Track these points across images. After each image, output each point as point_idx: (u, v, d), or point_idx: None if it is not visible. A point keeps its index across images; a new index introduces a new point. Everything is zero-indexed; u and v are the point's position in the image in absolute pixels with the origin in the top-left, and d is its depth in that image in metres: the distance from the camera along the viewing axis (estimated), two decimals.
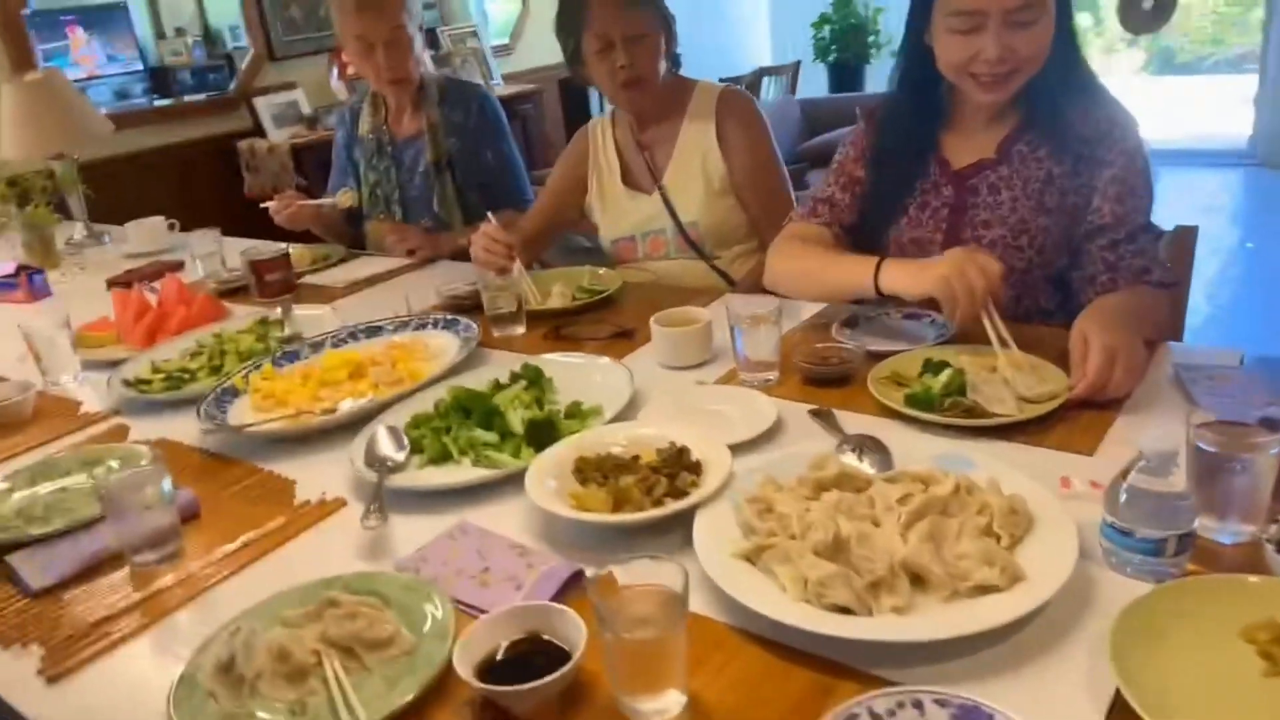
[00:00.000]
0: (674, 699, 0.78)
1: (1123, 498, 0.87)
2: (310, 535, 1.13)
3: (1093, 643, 0.80)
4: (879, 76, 7.09)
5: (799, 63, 6.68)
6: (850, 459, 1.08)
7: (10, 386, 1.56)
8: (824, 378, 1.34)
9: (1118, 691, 0.73)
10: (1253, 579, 0.81)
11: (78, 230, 2.84)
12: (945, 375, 1.23)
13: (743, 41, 7.72)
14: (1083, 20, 9.92)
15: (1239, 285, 4.38)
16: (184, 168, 4.20)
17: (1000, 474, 0.99)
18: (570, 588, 0.94)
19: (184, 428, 1.42)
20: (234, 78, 4.74)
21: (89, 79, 4.70)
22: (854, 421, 1.23)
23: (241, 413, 1.43)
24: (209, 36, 5.53)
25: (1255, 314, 4.07)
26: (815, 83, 7.22)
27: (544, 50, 5.42)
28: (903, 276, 1.36)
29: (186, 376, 1.58)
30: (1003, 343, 1.27)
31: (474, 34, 5.48)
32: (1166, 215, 1.49)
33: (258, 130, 4.37)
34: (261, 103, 4.32)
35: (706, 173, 1.96)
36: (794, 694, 0.79)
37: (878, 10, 6.86)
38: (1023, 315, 1.52)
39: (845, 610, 0.84)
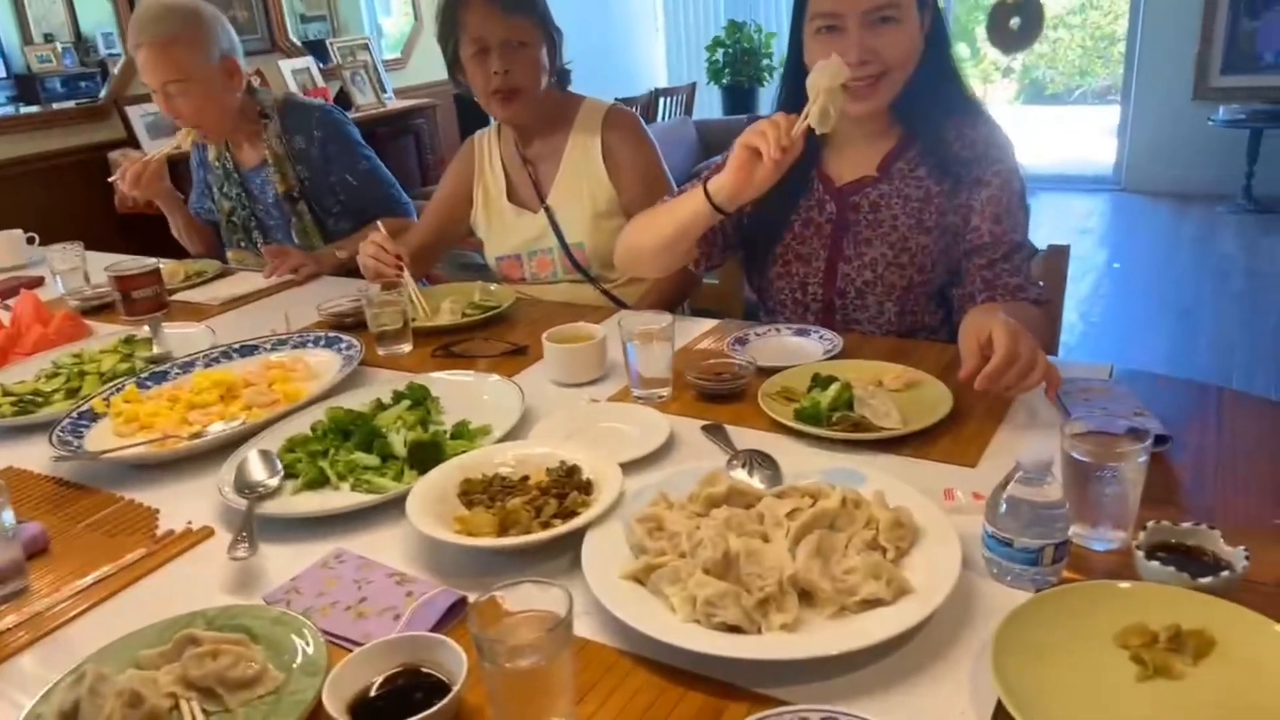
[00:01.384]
0: None
1: (1002, 508, 0.88)
2: (174, 568, 1.05)
3: (976, 653, 0.81)
4: (772, 99, 7.27)
5: (694, 84, 6.79)
6: (740, 474, 1.07)
7: None
8: (716, 393, 1.34)
9: (999, 701, 0.74)
10: (1124, 584, 0.83)
11: None
12: (833, 390, 1.24)
13: (639, 62, 7.79)
14: (959, 50, 10.38)
15: (1108, 302, 4.62)
16: (50, 179, 3.96)
17: (887, 487, 0.99)
18: (453, 616, 0.90)
19: (36, 455, 1.31)
20: (107, 85, 4.50)
21: None
22: (746, 437, 1.22)
23: (102, 438, 1.34)
24: (80, 43, 5.25)
25: (1122, 329, 4.30)
26: (710, 105, 7.34)
27: (438, 64, 5.31)
28: (724, 179, 1.38)
29: (39, 400, 1.47)
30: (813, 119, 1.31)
31: (365, 47, 5.37)
32: (1040, 236, 1.55)
33: (131, 141, 4.15)
34: (135, 111, 4.11)
35: (592, 193, 1.93)
36: (685, 718, 0.77)
37: (770, 35, 7.02)
38: (907, 331, 1.55)
39: (735, 629, 0.83)
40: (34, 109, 4.47)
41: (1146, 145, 6.39)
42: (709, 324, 1.66)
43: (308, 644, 0.85)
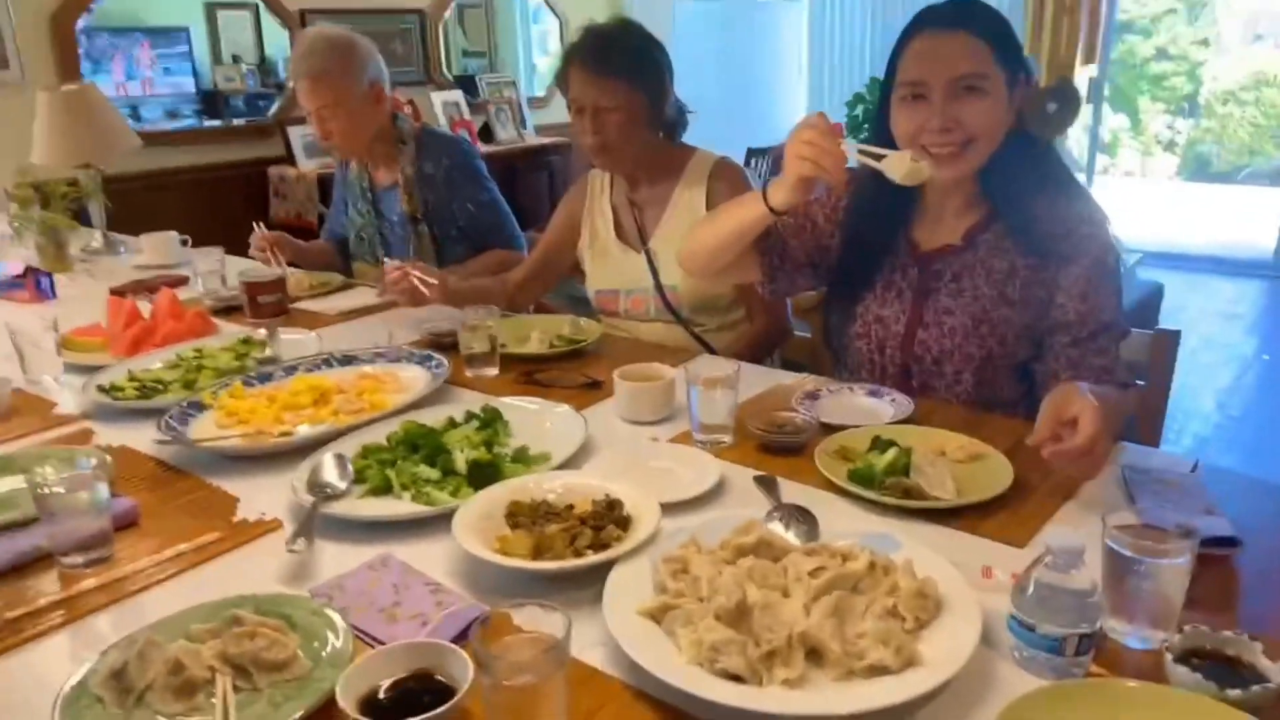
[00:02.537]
0: None
1: (1028, 591, 0.86)
2: (241, 553, 1.14)
3: None
4: None
5: None
6: (776, 527, 1.08)
7: None
8: (776, 446, 1.34)
9: None
10: (1134, 684, 0.79)
11: (95, 238, 2.92)
12: (890, 454, 1.23)
13: (781, 115, 7.84)
14: (1118, 122, 9.98)
15: (1251, 395, 4.33)
16: (216, 188, 4.32)
17: (921, 557, 0.98)
18: (475, 631, 0.94)
19: (147, 436, 1.44)
20: (275, 106, 4.88)
21: (145, 95, 4.84)
22: (796, 491, 1.23)
23: (204, 427, 1.46)
24: (264, 65, 5.71)
25: (1264, 426, 4.02)
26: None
27: None
28: (777, 185, 1.43)
29: (159, 387, 1.61)
30: (877, 157, 1.35)
31: (512, 85, 5.63)
32: (1184, 319, 1.50)
33: (289, 158, 4.48)
34: (295, 131, 4.44)
35: None
36: None
37: None
38: (983, 404, 1.52)
39: (738, 678, 0.84)
40: (216, 124, 4.88)
41: None
42: (790, 377, 1.66)
43: (338, 638, 0.91)
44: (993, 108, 1.39)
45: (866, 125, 6.89)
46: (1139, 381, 1.50)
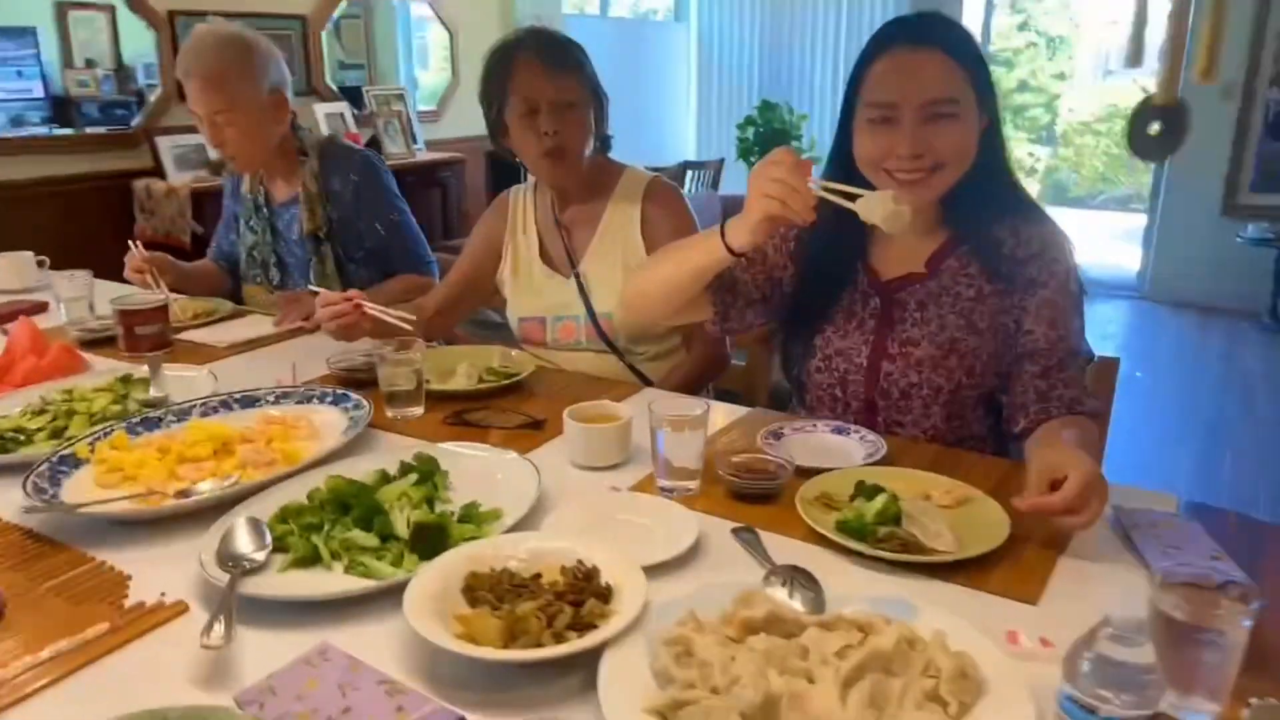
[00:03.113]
0: None
1: (1085, 667, 0.77)
2: (140, 648, 0.94)
3: None
4: None
5: (723, 160, 6.81)
6: (780, 593, 0.96)
7: None
8: (750, 492, 1.23)
9: None
10: None
11: None
12: (880, 502, 1.14)
13: (669, 135, 7.85)
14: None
15: (1128, 413, 4.51)
16: (72, 202, 3.93)
17: (945, 625, 0.88)
18: None
19: (10, 500, 1.21)
20: (141, 114, 4.50)
21: None
22: (780, 545, 1.11)
23: (82, 487, 1.23)
24: (121, 70, 5.29)
25: (1144, 444, 4.19)
26: (737, 180, 7.36)
27: (470, 120, 5.35)
28: (736, 225, 1.32)
29: (21, 438, 1.37)
30: (849, 197, 1.24)
31: (401, 97, 5.39)
32: None
33: (158, 171, 4.13)
34: (165, 142, 4.09)
35: (626, 263, 1.86)
36: None
37: (801, 117, 7.07)
38: (954, 439, 1.45)
39: None
40: (68, 131, 4.47)
41: (1172, 256, 6.36)
42: (739, 411, 1.56)
43: None
44: (966, 133, 1.33)
45: (758, 148, 6.96)
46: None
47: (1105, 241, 8.30)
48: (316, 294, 2.12)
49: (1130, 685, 0.75)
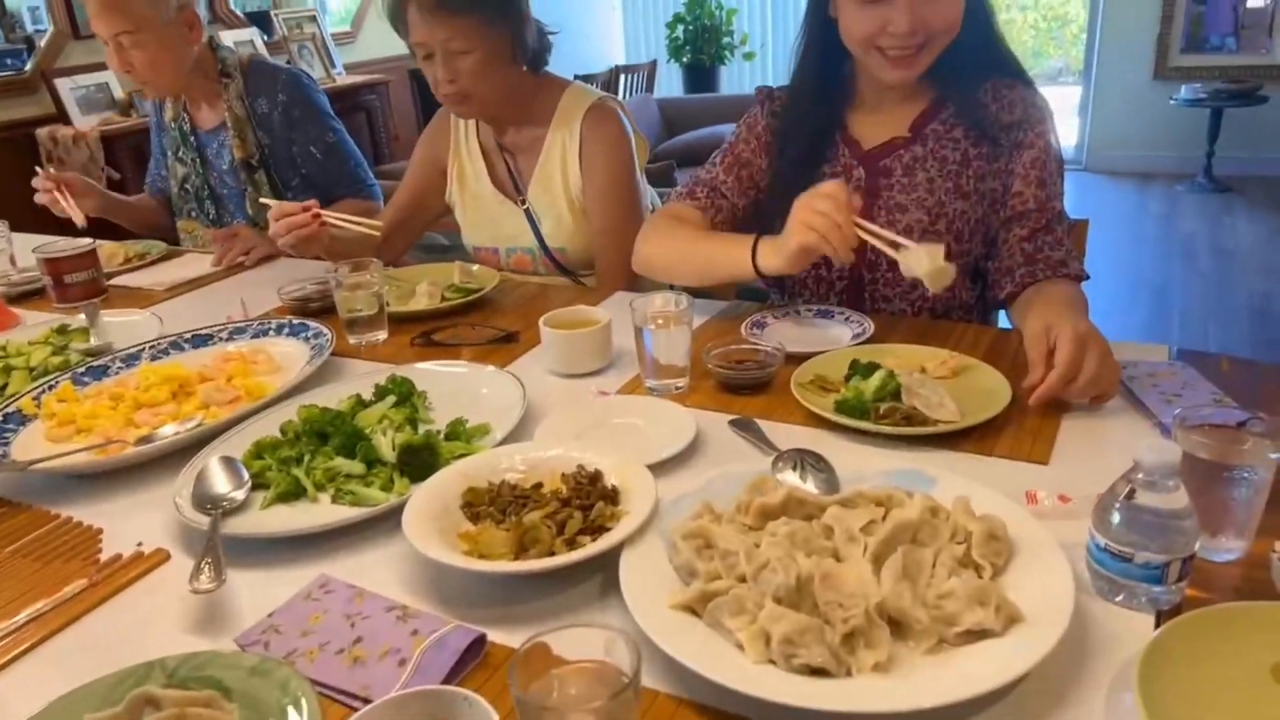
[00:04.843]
0: None
1: (1117, 517, 0.75)
2: (123, 602, 0.88)
3: (1104, 689, 0.68)
4: (733, 78, 7.13)
5: (655, 62, 6.62)
6: (791, 478, 0.93)
7: None
8: (742, 383, 1.19)
9: None
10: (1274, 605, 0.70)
11: None
12: (877, 378, 1.11)
13: (597, 40, 7.58)
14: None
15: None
16: None
17: (967, 493, 0.86)
18: (470, 659, 0.75)
19: None
20: (33, 59, 4.18)
21: None
22: (781, 432, 1.08)
23: (32, 444, 1.15)
24: (5, 19, 4.90)
25: (1100, 307, 4.23)
26: (671, 82, 7.19)
27: (388, 40, 5.07)
28: (773, 253, 1.26)
29: None
30: (894, 245, 1.17)
31: (313, 19, 5.10)
32: None
33: (61, 116, 3.87)
34: (65, 84, 3.82)
35: (569, 192, 1.75)
36: None
37: (731, 12, 6.87)
38: (942, 309, 1.43)
39: (819, 671, 0.69)
40: None
41: (1108, 125, 6.38)
42: (716, 306, 1.51)
43: (297, 701, 0.69)
44: (958, 3, 1.27)
45: (688, 47, 6.77)
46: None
47: None
48: (255, 226, 2.01)
49: (1164, 531, 0.74)
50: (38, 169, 2.02)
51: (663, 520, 0.87)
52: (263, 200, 1.65)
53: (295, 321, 1.44)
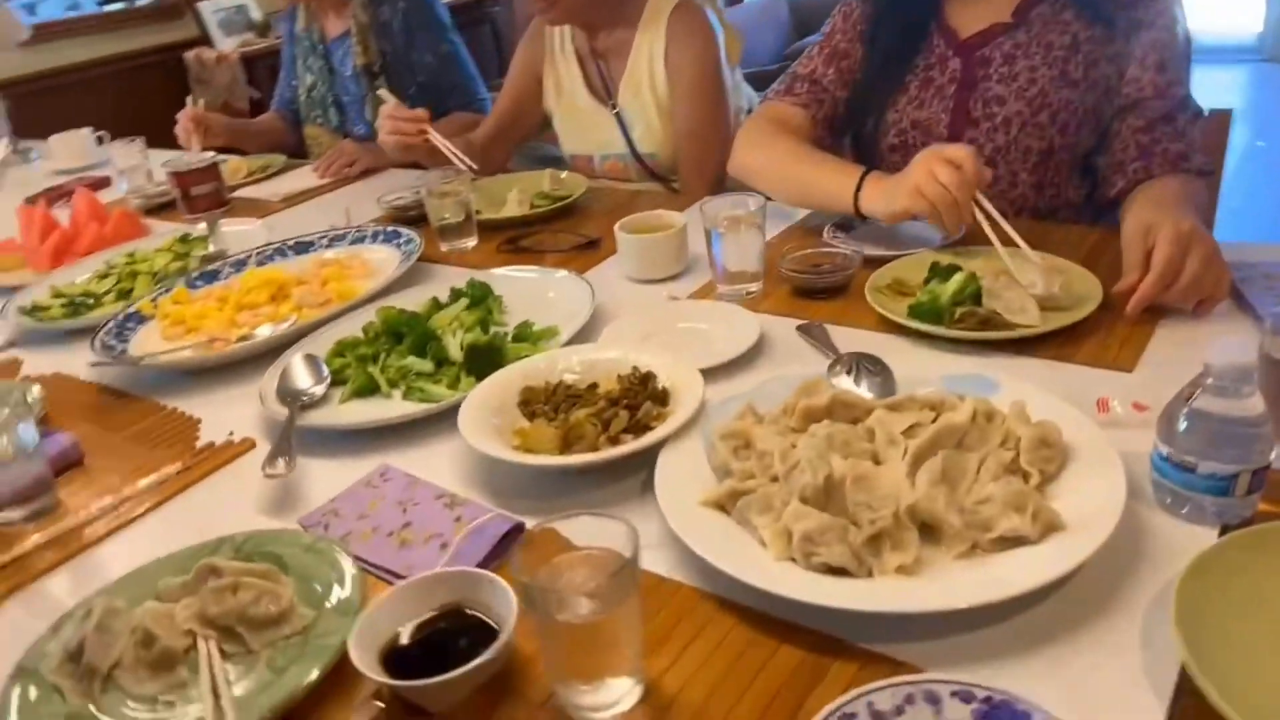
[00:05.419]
0: (625, 689, 0.62)
1: (1183, 424, 0.70)
2: (211, 484, 0.96)
3: (1147, 608, 0.65)
4: None
5: None
6: (845, 382, 0.91)
7: None
8: (816, 288, 1.16)
9: (1183, 671, 0.57)
10: None
11: (1, 147, 2.61)
12: (956, 281, 1.05)
13: None
14: None
15: (1251, 185, 4.17)
16: (127, 80, 3.91)
17: (1029, 397, 0.81)
18: (508, 545, 0.78)
19: (84, 360, 1.23)
20: None
21: None
22: (850, 338, 1.05)
23: (148, 341, 1.25)
24: None
25: (1269, 215, 3.88)
26: None
27: None
28: (878, 197, 1.19)
29: (90, 302, 1.40)
30: (1006, 241, 1.09)
31: None
32: None
33: (204, 39, 4.07)
34: (206, 8, 4.01)
35: (657, 95, 1.71)
36: (777, 677, 0.63)
37: None
38: (1046, 208, 1.33)
39: (841, 571, 0.68)
40: (118, 6, 4.38)
41: None
42: (801, 212, 1.46)
43: (343, 577, 0.74)
44: None
45: None
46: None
47: (1221, 1, 7.49)
48: (374, 134, 2.08)
49: (1235, 440, 0.68)
50: (194, 84, 2.14)
51: (709, 422, 0.86)
52: (379, 92, 1.68)
53: (389, 229, 1.49)
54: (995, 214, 1.10)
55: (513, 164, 2.14)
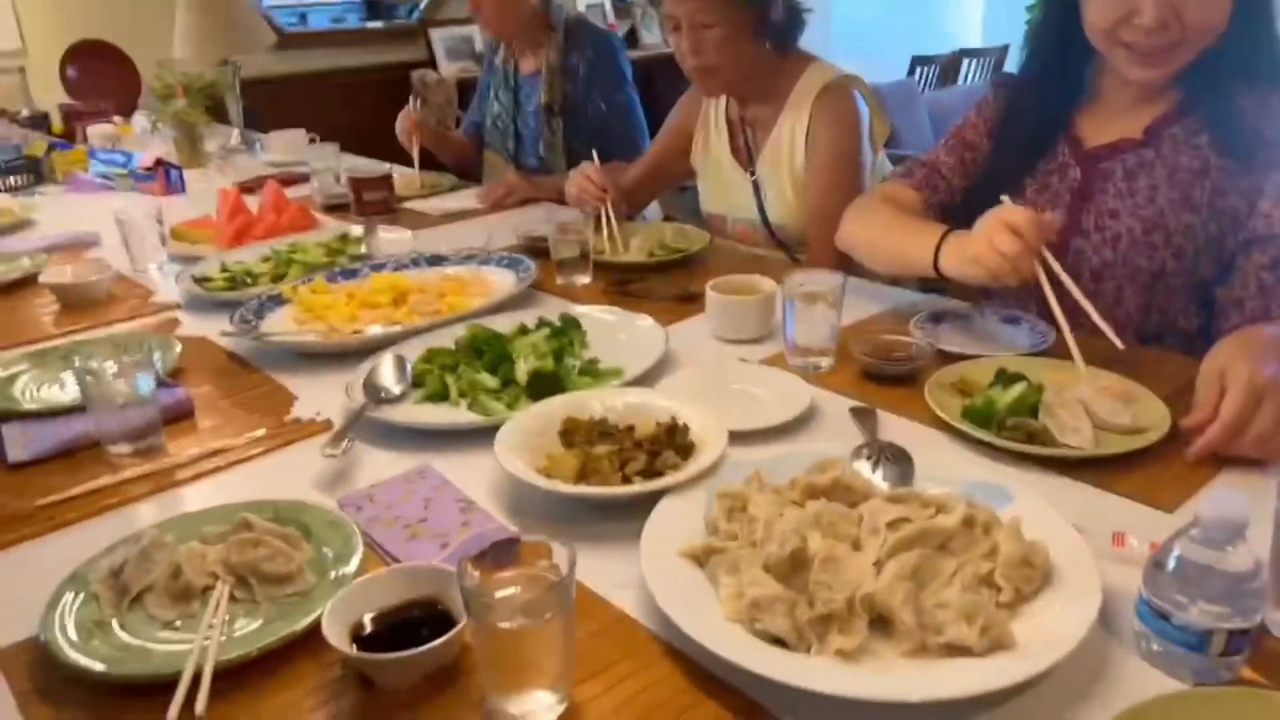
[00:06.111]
0: (546, 704, 0.66)
1: (1164, 570, 0.68)
2: (286, 453, 1.08)
3: None
4: None
5: (1006, 47, 6.19)
6: (863, 467, 0.92)
7: (90, 267, 1.61)
8: (882, 373, 1.17)
9: None
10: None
11: (234, 136, 2.97)
12: (1016, 390, 1.04)
13: (952, 16, 7.21)
14: None
15: None
16: (357, 90, 4.33)
17: (1034, 515, 0.80)
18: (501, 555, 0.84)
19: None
20: (419, 9, 4.82)
21: (312, 4, 4.85)
22: (900, 428, 1.06)
23: (280, 321, 1.41)
24: None
25: None
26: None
27: None
28: (954, 257, 1.19)
29: (249, 280, 1.58)
30: (1068, 307, 1.09)
31: None
32: None
33: (431, 61, 4.45)
34: (437, 34, 4.39)
35: (794, 170, 1.76)
36: None
37: None
38: (1152, 333, 1.28)
39: (781, 643, 0.70)
40: (378, 24, 4.81)
41: None
42: (911, 296, 1.46)
43: (351, 555, 0.83)
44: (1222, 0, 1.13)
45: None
46: None
47: None
48: (542, 167, 2.24)
49: (1216, 595, 0.65)
50: (413, 100, 2.41)
51: (719, 479, 0.90)
52: (587, 164, 1.83)
53: (514, 256, 1.60)
54: (1064, 277, 1.10)
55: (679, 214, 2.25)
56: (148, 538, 0.82)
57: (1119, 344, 1.06)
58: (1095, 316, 1.07)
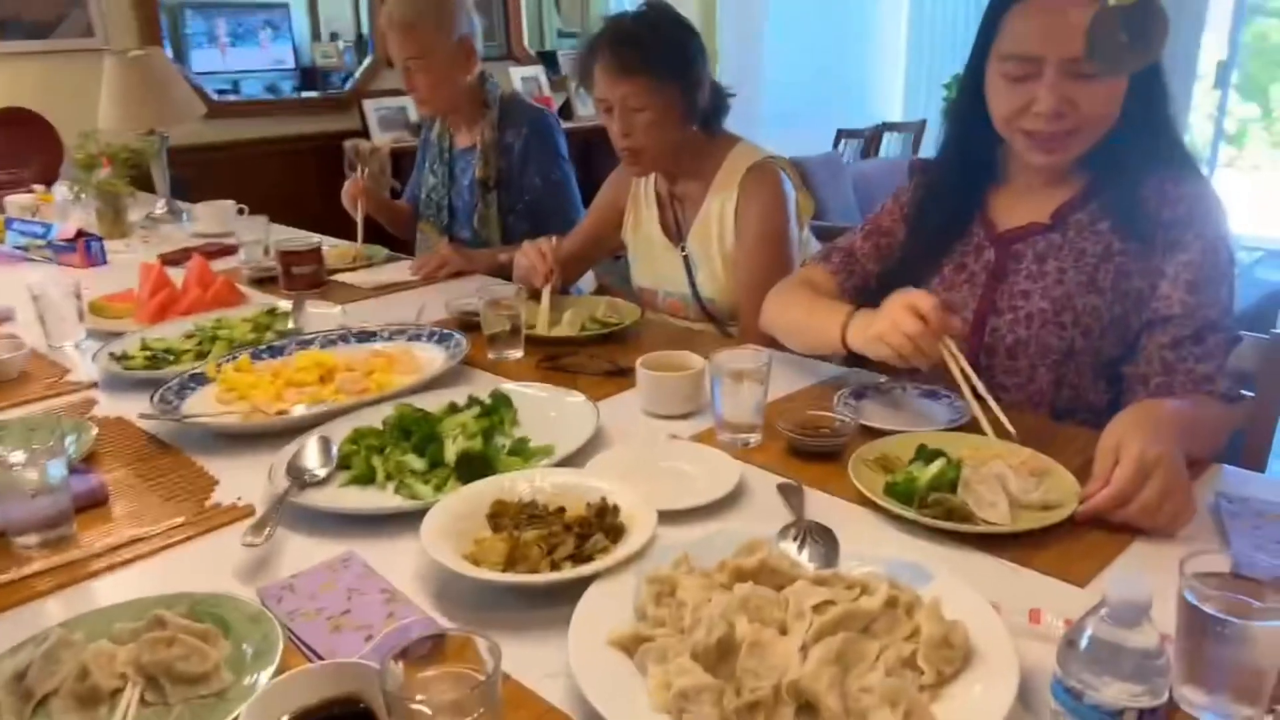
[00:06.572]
0: None
1: (1075, 648, 0.69)
2: (206, 540, 1.05)
3: None
4: None
5: (924, 122, 6.46)
6: (789, 547, 0.93)
7: (2, 344, 1.56)
8: (807, 449, 1.19)
9: None
10: None
11: (159, 206, 2.92)
12: (936, 466, 1.07)
13: (873, 94, 7.51)
14: (1248, 111, 9.30)
15: None
16: (289, 160, 4.31)
17: (953, 595, 0.82)
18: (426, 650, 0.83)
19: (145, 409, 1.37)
20: (351, 80, 4.84)
21: (244, 72, 4.84)
22: (825, 504, 1.07)
23: (203, 402, 1.38)
24: (360, 41, 5.68)
25: None
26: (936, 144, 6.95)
27: None
28: (860, 334, 1.25)
29: (170, 358, 1.55)
30: (974, 391, 1.15)
31: None
32: None
33: (364, 131, 4.46)
34: (370, 105, 4.41)
35: (723, 247, 1.82)
36: None
37: None
38: (1064, 408, 1.33)
39: None
40: (311, 94, 4.80)
41: None
42: (833, 371, 1.50)
43: (272, 651, 0.80)
44: (1115, 88, 1.21)
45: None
46: (1246, 394, 1.29)
47: None
48: (475, 239, 2.24)
49: (1127, 671, 0.67)
50: (349, 170, 2.40)
51: (648, 562, 0.90)
52: (542, 240, 1.83)
53: (443, 331, 1.60)
54: (964, 364, 1.16)
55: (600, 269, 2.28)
56: (54, 637, 0.79)
57: (1011, 431, 1.13)
58: (991, 403, 1.14)
